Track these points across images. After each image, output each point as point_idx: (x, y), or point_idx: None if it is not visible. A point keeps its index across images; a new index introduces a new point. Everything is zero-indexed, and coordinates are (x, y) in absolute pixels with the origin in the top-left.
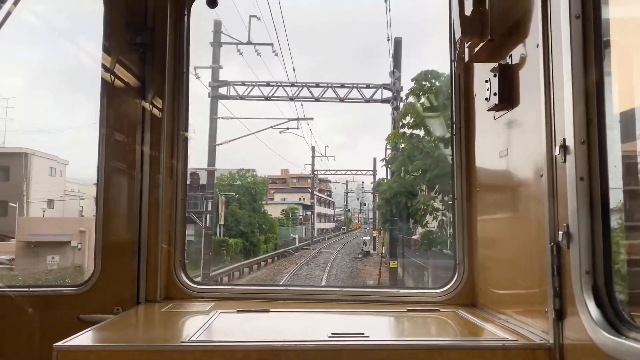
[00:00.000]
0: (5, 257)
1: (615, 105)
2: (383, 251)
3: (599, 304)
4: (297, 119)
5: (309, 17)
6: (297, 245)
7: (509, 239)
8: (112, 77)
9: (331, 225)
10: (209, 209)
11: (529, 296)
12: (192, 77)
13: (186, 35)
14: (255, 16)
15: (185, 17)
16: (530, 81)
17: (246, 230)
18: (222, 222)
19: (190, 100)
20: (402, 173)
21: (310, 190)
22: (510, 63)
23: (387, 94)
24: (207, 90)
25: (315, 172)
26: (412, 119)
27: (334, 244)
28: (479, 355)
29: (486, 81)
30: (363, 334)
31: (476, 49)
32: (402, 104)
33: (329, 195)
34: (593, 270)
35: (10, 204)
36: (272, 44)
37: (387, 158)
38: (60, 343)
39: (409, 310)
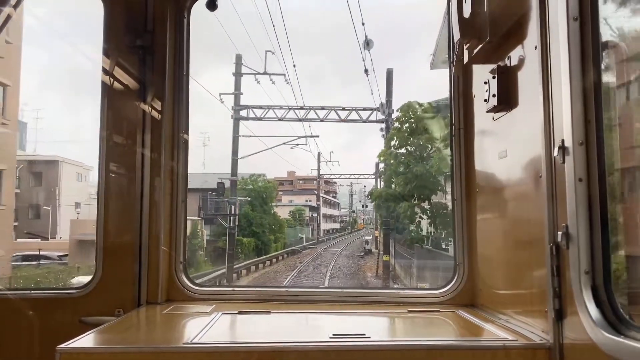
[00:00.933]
0: (56, 254)
1: None
2: (382, 248)
3: (598, 303)
4: (305, 137)
5: (308, 19)
6: (304, 244)
7: (509, 240)
8: (112, 80)
9: (337, 225)
10: (233, 212)
11: (529, 296)
12: (216, 101)
13: (186, 38)
14: (270, 51)
15: (185, 20)
16: (528, 83)
17: (258, 230)
18: (236, 222)
19: (218, 119)
20: (390, 184)
21: (316, 192)
22: (508, 65)
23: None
24: (230, 112)
25: (321, 176)
26: (397, 142)
27: (339, 243)
28: (480, 356)
29: (485, 83)
30: (364, 334)
31: (475, 51)
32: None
33: (335, 197)
34: (592, 271)
35: (43, 207)
36: (284, 74)
37: (379, 171)
38: (62, 345)
39: (409, 311)
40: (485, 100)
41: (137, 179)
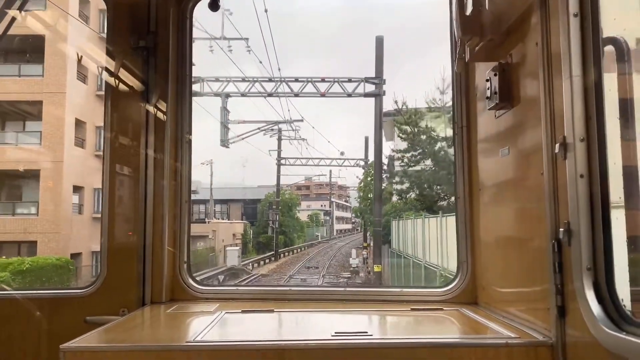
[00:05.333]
0: None
1: None
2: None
3: (600, 300)
4: (319, 175)
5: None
6: (319, 240)
7: (511, 237)
8: (116, 81)
9: (348, 226)
10: (277, 218)
11: (532, 293)
12: (264, 155)
13: (189, 39)
14: (298, 120)
15: (188, 21)
16: (530, 80)
17: (286, 230)
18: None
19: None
20: (364, 203)
21: (329, 198)
22: (510, 62)
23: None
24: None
25: (334, 186)
26: (364, 184)
27: (346, 239)
28: (482, 353)
29: (487, 80)
30: (366, 332)
31: (476, 49)
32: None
33: (347, 201)
34: (594, 267)
35: None
36: (306, 139)
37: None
38: (67, 344)
39: (412, 309)
40: (487, 97)
41: (142, 179)
